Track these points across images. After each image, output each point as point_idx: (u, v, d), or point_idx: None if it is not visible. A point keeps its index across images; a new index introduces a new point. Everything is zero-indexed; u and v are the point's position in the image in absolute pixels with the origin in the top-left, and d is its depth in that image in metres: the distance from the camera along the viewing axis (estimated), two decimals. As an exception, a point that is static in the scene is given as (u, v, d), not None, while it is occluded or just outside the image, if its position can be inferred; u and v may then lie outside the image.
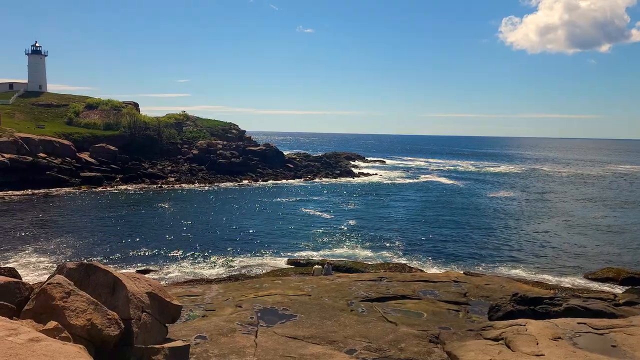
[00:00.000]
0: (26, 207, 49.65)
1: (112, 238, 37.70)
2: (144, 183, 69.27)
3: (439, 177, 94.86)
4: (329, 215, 49.80)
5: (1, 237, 36.83)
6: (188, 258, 32.55)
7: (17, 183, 59.42)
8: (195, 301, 15.18)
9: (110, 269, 8.48)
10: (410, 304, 15.29)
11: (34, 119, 79.89)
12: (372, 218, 48.62)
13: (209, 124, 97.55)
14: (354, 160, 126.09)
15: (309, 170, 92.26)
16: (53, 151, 67.02)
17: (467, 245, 37.53)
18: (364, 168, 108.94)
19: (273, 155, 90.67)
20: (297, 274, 25.65)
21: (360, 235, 40.43)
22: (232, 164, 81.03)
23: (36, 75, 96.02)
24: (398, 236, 40.15)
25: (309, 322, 12.81)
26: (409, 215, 50.65)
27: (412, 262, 31.70)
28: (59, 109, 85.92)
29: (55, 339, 5.98)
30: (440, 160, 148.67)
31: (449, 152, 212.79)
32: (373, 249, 35.86)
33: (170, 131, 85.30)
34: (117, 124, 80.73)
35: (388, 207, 55.98)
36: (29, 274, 27.77)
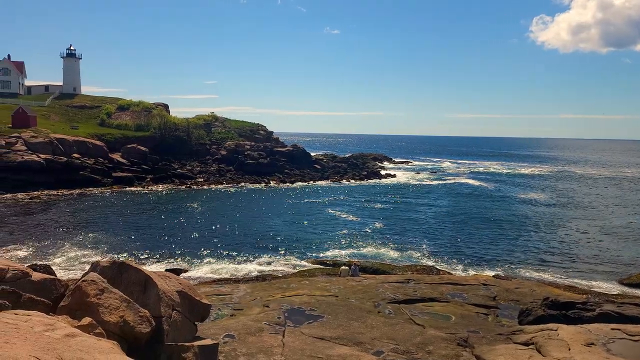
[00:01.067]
0: (61, 206, 51.02)
1: (142, 237, 38.43)
2: (174, 183, 70.37)
3: (468, 178, 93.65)
4: (356, 216, 49.70)
5: (37, 234, 37.92)
6: (216, 257, 32.93)
7: (52, 183, 61.10)
8: (224, 300, 15.34)
9: (141, 268, 8.66)
10: (438, 306, 15.15)
11: (68, 120, 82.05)
12: (399, 219, 48.32)
13: (237, 124, 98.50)
14: (381, 161, 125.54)
15: (336, 171, 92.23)
16: (86, 152, 68.69)
17: (496, 248, 36.97)
18: (390, 169, 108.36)
19: (300, 156, 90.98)
20: (323, 274, 25.68)
21: (387, 236, 40.23)
22: (259, 164, 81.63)
23: (71, 78, 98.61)
24: (425, 238, 39.82)
25: (336, 323, 12.81)
26: (437, 216, 50.16)
27: (440, 265, 31.39)
28: (92, 111, 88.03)
29: (89, 335, 6.15)
30: (468, 161, 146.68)
31: (477, 153, 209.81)
32: (400, 251, 35.64)
33: (199, 132, 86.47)
34: (148, 125, 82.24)
35: (415, 208, 55.55)
36: (63, 270, 28.51)
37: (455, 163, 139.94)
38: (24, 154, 62.10)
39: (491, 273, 28.32)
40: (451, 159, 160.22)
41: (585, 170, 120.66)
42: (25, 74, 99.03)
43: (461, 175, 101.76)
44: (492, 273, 28.30)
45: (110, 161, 70.57)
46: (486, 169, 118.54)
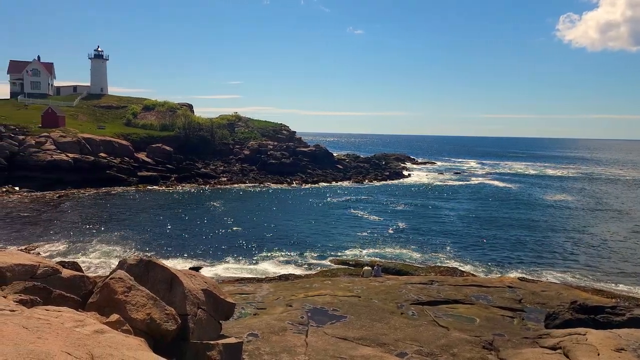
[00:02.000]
0: (88, 205, 52.02)
1: (166, 235, 38.94)
2: (197, 183, 71.10)
3: (492, 179, 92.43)
4: (378, 216, 49.51)
5: (65, 232, 38.74)
6: (239, 256, 33.16)
7: (79, 181, 62.33)
8: (247, 299, 15.44)
9: (167, 266, 8.77)
10: (462, 308, 14.99)
11: (96, 120, 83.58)
12: (422, 220, 47.97)
13: (260, 124, 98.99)
14: (404, 161, 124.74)
15: (358, 171, 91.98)
16: (112, 151, 69.88)
17: (522, 250, 36.40)
18: (413, 169, 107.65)
19: (323, 156, 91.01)
20: (346, 274, 25.65)
21: (410, 237, 39.98)
22: (282, 164, 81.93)
23: (98, 78, 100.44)
24: (449, 239, 39.44)
25: (359, 324, 12.78)
26: (460, 217, 49.64)
27: (464, 266, 31.05)
28: (118, 111, 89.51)
29: (117, 332, 6.25)
30: (493, 162, 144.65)
31: (502, 153, 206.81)
32: (423, 252, 35.38)
33: (222, 132, 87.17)
34: (173, 125, 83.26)
35: (438, 209, 55.07)
36: (90, 267, 29.06)
37: (479, 163, 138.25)
38: (53, 153, 63.51)
39: (516, 275, 27.88)
40: (475, 159, 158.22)
41: (614, 172, 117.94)
42: (55, 74, 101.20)
43: (485, 175, 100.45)
44: (517, 275, 27.86)
45: (136, 160, 71.66)
46: (511, 170, 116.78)
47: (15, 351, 3.91)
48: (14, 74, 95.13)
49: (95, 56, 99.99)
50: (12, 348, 3.97)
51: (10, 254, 8.83)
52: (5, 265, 7.91)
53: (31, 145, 64.09)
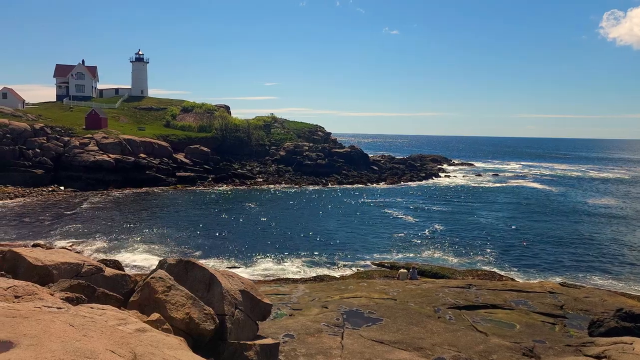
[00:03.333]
0: (128, 204, 53.44)
1: (203, 234, 39.59)
2: (234, 183, 72.04)
3: (533, 181, 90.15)
4: (414, 218, 49.02)
5: (106, 231, 39.89)
6: (275, 257, 33.40)
7: (120, 181, 64.14)
8: (283, 300, 15.53)
9: (206, 266, 8.91)
10: (501, 313, 14.67)
11: (136, 121, 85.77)
12: (459, 222, 47.22)
13: (296, 126, 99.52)
14: (440, 162, 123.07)
15: (393, 172, 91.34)
16: (152, 152, 71.56)
17: (563, 255, 35.37)
18: (450, 171, 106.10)
19: (358, 158, 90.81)
20: (381, 277, 25.50)
21: (447, 239, 39.41)
22: (317, 165, 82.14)
23: (139, 81, 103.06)
24: (487, 242, 38.68)
25: (395, 327, 12.67)
26: (499, 220, 48.62)
27: (502, 270, 30.40)
28: (158, 112, 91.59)
29: (158, 331, 6.38)
30: (533, 164, 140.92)
31: (543, 154, 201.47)
32: (460, 255, 34.82)
33: (259, 133, 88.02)
34: (210, 126, 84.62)
35: (476, 211, 54.09)
36: (129, 266, 29.82)
37: (518, 165, 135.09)
38: (96, 153, 65.53)
39: (557, 280, 27.13)
40: (515, 160, 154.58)
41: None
42: (98, 77, 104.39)
43: (525, 178, 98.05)
44: (558, 280, 27.11)
45: (174, 161, 73.14)
46: (552, 172, 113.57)
47: (62, 348, 4.04)
48: (60, 78, 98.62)
49: (136, 59, 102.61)
50: (59, 345, 4.11)
51: (57, 253, 9.14)
52: (52, 263, 8.20)
53: (75, 146, 66.31)
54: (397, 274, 23.75)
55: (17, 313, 4.88)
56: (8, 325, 4.50)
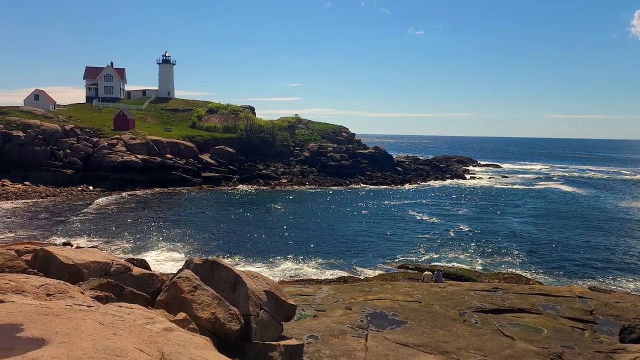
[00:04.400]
0: (155, 204, 54.28)
1: (227, 234, 39.95)
2: (258, 184, 72.52)
3: (562, 184, 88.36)
4: (438, 219, 48.59)
5: (133, 230, 40.58)
6: (298, 257, 33.50)
7: (147, 181, 65.21)
8: (307, 301, 15.54)
9: (231, 267, 8.99)
10: (528, 318, 14.42)
11: (163, 122, 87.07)
12: (485, 224, 46.59)
13: (320, 126, 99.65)
14: (466, 164, 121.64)
15: (418, 173, 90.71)
16: (178, 152, 72.54)
17: (592, 259, 34.59)
18: (476, 172, 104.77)
19: (382, 158, 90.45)
20: (406, 279, 25.33)
21: (472, 242, 38.94)
22: (341, 166, 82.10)
23: (165, 83, 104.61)
24: (513, 245, 38.08)
25: (420, 330, 12.57)
26: (526, 223, 47.82)
27: (530, 273, 29.90)
28: (184, 113, 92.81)
29: (185, 330, 6.46)
30: (564, 165, 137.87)
31: (572, 156, 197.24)
32: (485, 257, 34.37)
33: (283, 134, 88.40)
34: (235, 127, 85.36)
35: (502, 213, 53.30)
36: (155, 264, 30.27)
37: (547, 166, 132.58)
38: (123, 154, 66.75)
39: (587, 284, 26.54)
40: (542, 162, 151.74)
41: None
42: (126, 79, 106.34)
43: (553, 179, 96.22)
44: (587, 284, 26.52)
45: (200, 162, 74.00)
46: (581, 174, 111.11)
47: (93, 346, 4.13)
48: (89, 80, 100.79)
49: (163, 61, 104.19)
50: (90, 343, 4.19)
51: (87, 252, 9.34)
52: (82, 262, 8.38)
53: (104, 147, 67.67)
54: (422, 276, 23.57)
55: (49, 311, 5.00)
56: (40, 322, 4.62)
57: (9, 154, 64.33)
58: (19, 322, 4.54)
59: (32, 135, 66.24)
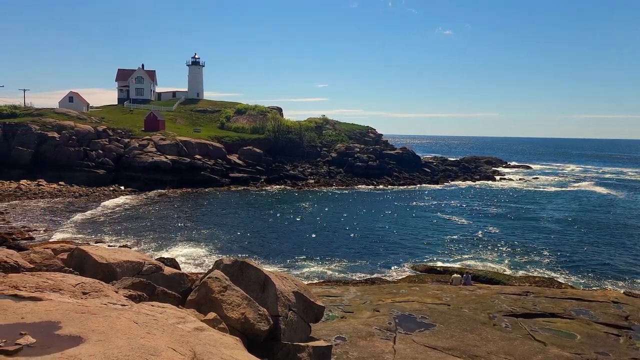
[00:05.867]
0: (184, 204, 55.09)
1: (255, 235, 40.25)
2: (286, 184, 72.85)
3: (594, 185, 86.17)
4: (467, 221, 47.96)
5: (162, 229, 41.27)
6: (325, 258, 33.51)
7: (176, 182, 66.21)
8: (334, 302, 15.55)
9: (261, 267, 9.07)
10: (560, 323, 14.12)
11: (192, 123, 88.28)
12: (515, 227, 45.77)
13: (347, 127, 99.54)
14: (495, 164, 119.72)
15: (446, 174, 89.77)
16: (207, 153, 73.43)
17: (628, 263, 33.62)
18: (506, 173, 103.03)
19: (409, 159, 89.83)
20: (434, 281, 25.10)
21: (502, 244, 38.31)
22: (369, 167, 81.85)
23: (195, 84, 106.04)
24: (545, 248, 37.31)
25: (449, 333, 12.44)
26: (558, 225, 46.78)
27: (562, 277, 29.26)
28: (213, 114, 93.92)
29: (215, 330, 6.55)
30: (597, 167, 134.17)
31: (606, 156, 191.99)
32: (516, 260, 33.77)
33: (310, 134, 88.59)
34: (263, 128, 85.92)
35: (533, 215, 52.27)
36: (184, 264, 30.70)
37: (579, 167, 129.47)
38: (154, 155, 67.95)
39: (621, 289, 25.82)
40: (575, 163, 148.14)
41: None
42: (156, 81, 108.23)
43: (587, 180, 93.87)
44: (622, 289, 25.80)
45: (228, 162, 74.74)
46: (616, 175, 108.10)
47: (128, 345, 4.22)
48: (121, 82, 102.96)
49: (193, 63, 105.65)
50: (125, 342, 4.29)
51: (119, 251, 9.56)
52: (115, 261, 8.58)
53: (135, 148, 69.01)
54: (450, 279, 23.31)
55: (85, 309, 5.13)
56: (77, 321, 4.75)
57: (44, 154, 66.24)
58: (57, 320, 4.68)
59: (67, 136, 68.05)
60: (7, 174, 62.99)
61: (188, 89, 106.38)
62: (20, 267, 7.71)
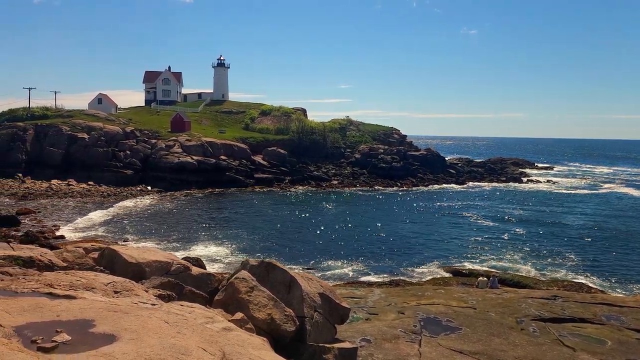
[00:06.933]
0: (208, 204, 55.70)
1: (278, 235, 40.45)
2: (310, 185, 73.02)
3: (626, 187, 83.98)
4: (494, 223, 47.31)
5: (186, 229, 41.79)
6: (349, 259, 33.47)
7: (202, 182, 67.00)
8: (359, 303, 15.54)
9: (287, 268, 9.13)
10: (590, 328, 13.84)
11: (217, 124, 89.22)
12: (542, 229, 44.96)
13: (371, 128, 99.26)
14: (522, 166, 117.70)
15: (472, 176, 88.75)
16: (232, 154, 74.10)
17: (661, 267, 32.70)
18: (533, 175, 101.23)
19: (434, 160, 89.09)
20: (459, 284, 24.86)
21: (529, 247, 37.69)
22: (392, 168, 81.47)
23: (220, 86, 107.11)
24: (573, 251, 36.56)
25: (475, 337, 12.31)
26: (587, 229, 45.77)
27: (591, 282, 28.63)
28: (238, 116, 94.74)
29: (242, 330, 6.62)
30: (627, 168, 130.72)
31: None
32: (543, 263, 33.18)
33: (334, 135, 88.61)
34: (287, 129, 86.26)
35: (561, 218, 51.28)
36: (208, 263, 31.03)
37: (610, 169, 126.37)
38: (180, 155, 68.89)
39: (654, 295, 25.13)
40: (606, 165, 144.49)
41: None
42: (182, 83, 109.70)
43: (618, 183, 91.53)
44: (655, 295, 25.11)
45: (253, 163, 75.27)
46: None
47: (159, 344, 4.31)
48: (148, 84, 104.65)
49: (218, 64, 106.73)
50: (157, 341, 4.38)
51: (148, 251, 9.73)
52: (145, 261, 8.74)
53: (161, 149, 70.08)
54: (476, 282, 23.05)
55: (117, 308, 5.25)
56: (110, 319, 4.86)
57: (74, 154, 67.83)
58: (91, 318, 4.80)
59: (96, 137, 69.51)
60: (39, 173, 64.75)
61: (213, 90, 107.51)
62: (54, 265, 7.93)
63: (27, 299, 5.30)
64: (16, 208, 46.70)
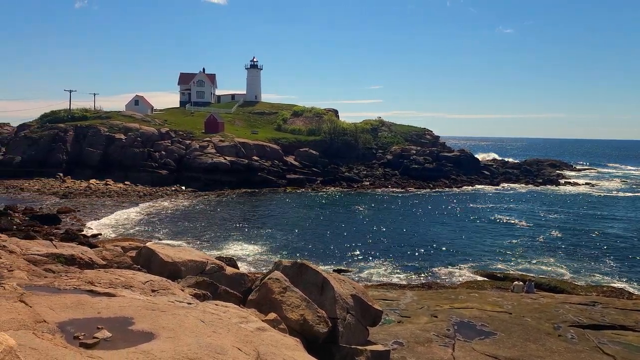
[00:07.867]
0: (241, 205, 56.30)
1: (310, 236, 40.56)
2: (341, 186, 72.95)
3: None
4: (528, 225, 46.29)
5: (219, 229, 42.34)
6: (381, 261, 33.30)
7: (234, 182, 67.77)
8: (391, 306, 15.45)
9: (319, 270, 9.15)
10: (632, 336, 13.40)
11: (250, 125, 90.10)
12: (581, 232, 43.74)
13: (403, 129, 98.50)
14: (560, 168, 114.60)
15: (506, 177, 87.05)
16: (264, 154, 74.71)
17: None
18: (571, 177, 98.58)
19: (468, 162, 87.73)
20: (494, 288, 24.41)
21: (566, 250, 36.74)
22: (425, 169, 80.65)
23: (253, 87, 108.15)
24: (613, 256, 35.44)
25: (510, 343, 12.08)
26: (628, 232, 44.30)
27: (632, 288, 27.69)
28: (270, 117, 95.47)
29: (276, 330, 6.67)
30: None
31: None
32: (581, 267, 32.27)
33: (366, 136, 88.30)
34: (319, 130, 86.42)
35: (600, 222, 49.77)
36: (241, 262, 31.36)
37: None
38: (213, 156, 69.87)
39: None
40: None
41: None
42: (216, 84, 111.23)
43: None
44: (701, 303, 24.11)
45: (285, 164, 75.70)
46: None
47: (196, 343, 4.39)
48: (183, 85, 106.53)
49: (251, 66, 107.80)
50: (193, 339, 4.46)
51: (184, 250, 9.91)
52: (180, 260, 8.90)
53: (195, 149, 71.23)
54: (512, 286, 22.58)
55: (155, 306, 5.37)
56: (149, 317, 4.97)
57: (112, 155, 69.65)
58: (130, 316, 4.92)
59: (132, 138, 71.18)
60: (78, 173, 66.79)
61: (246, 91, 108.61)
62: (94, 263, 8.16)
63: (69, 295, 5.47)
64: (57, 207, 48.33)
